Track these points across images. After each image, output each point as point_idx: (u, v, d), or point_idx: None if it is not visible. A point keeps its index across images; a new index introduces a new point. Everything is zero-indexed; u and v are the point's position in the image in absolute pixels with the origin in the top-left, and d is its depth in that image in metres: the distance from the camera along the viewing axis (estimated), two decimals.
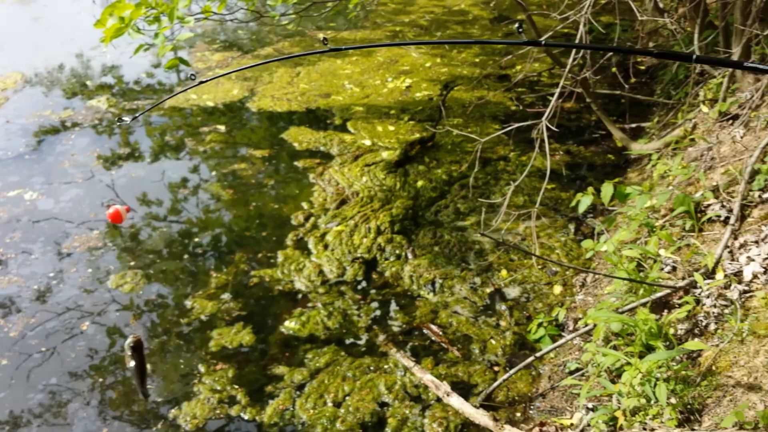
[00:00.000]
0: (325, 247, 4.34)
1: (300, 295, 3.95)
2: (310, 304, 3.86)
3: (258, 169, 5.39)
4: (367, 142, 5.61)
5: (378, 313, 3.79)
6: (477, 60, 7.04)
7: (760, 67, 0.99)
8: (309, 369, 3.37)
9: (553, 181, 4.88)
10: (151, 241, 4.54)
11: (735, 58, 3.93)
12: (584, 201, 3.82)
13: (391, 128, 5.82)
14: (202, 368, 3.42)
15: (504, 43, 2.42)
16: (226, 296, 3.93)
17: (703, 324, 2.91)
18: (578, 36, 3.42)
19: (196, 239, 4.54)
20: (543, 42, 1.34)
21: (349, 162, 5.33)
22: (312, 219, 4.66)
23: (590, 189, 3.86)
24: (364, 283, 4.03)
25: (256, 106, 6.49)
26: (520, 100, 6.19)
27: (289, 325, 3.67)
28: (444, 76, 6.83)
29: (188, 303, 3.89)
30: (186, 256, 4.35)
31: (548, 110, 3.41)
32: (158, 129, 6.21)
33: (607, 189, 3.80)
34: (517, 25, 1.33)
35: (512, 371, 3.16)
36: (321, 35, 8.28)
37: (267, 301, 3.89)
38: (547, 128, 3.43)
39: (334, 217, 4.65)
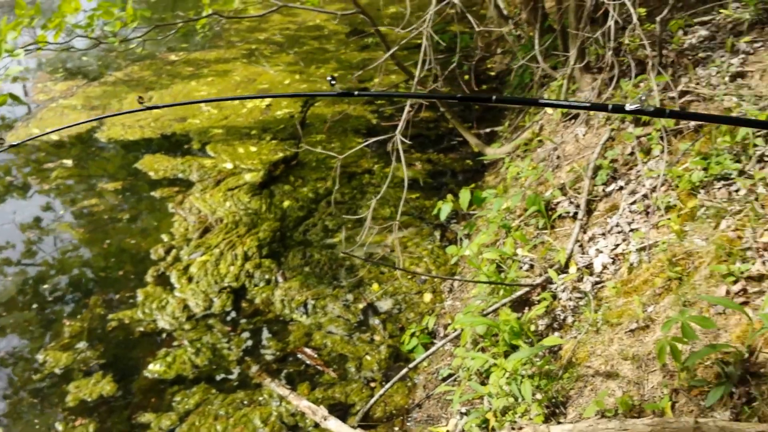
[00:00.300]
0: (190, 279, 4.14)
1: (164, 335, 3.73)
2: (175, 343, 3.66)
3: (112, 202, 5.07)
4: (229, 165, 5.44)
5: (249, 343, 3.65)
6: (336, 74, 7.05)
7: (553, 102, 1.02)
8: (178, 412, 3.18)
9: (416, 190, 4.97)
10: (1, 290, 4.14)
11: (572, 60, 4.17)
12: (444, 208, 3.91)
13: (253, 149, 5.68)
14: (60, 427, 3.14)
15: (317, 95, 2.41)
16: (81, 345, 3.64)
17: (561, 318, 3.03)
18: (422, 50, 3.49)
19: (47, 285, 4.19)
20: (355, 93, 1.35)
21: (211, 187, 5.14)
22: (174, 251, 4.44)
23: (449, 196, 3.95)
24: (233, 314, 3.87)
25: (106, 136, 6.12)
26: (380, 112, 6.27)
27: (154, 368, 3.45)
28: (304, 92, 6.78)
29: (40, 356, 3.57)
30: (36, 305, 4.00)
31: (401, 123, 3.45)
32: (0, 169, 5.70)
33: (465, 195, 3.92)
34: (329, 77, 1.32)
35: (387, 386, 3.15)
36: (173, 56, 7.97)
37: (128, 345, 3.65)
38: (403, 140, 3.46)
39: (198, 247, 4.45)
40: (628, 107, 0.91)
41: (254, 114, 6.37)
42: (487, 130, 5.63)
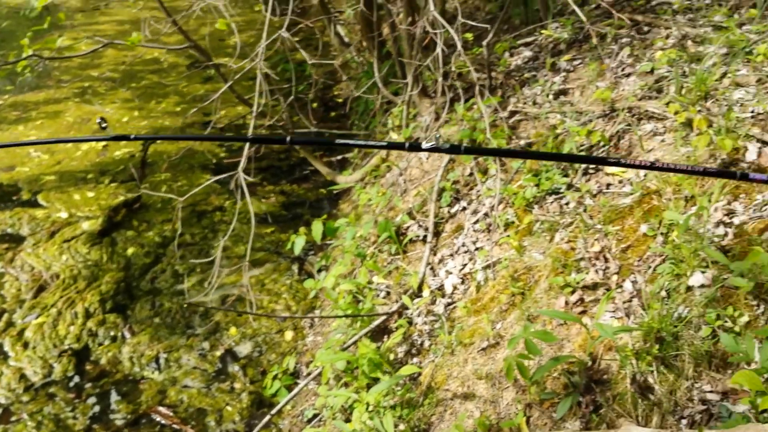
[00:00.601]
0: (25, 345, 3.76)
1: (0, 410, 3.35)
2: (13, 418, 3.30)
3: None
4: (64, 215, 5.03)
5: (97, 408, 3.36)
6: (178, 109, 6.78)
7: (350, 142, 0.99)
8: None
9: (271, 223, 4.86)
10: None
11: (409, 86, 4.26)
12: (298, 242, 3.83)
13: (91, 194, 5.30)
14: None
15: (91, 140, 2.28)
16: None
17: (419, 342, 3.05)
18: (257, 83, 3.42)
19: None
20: (132, 137, 1.26)
21: (45, 240, 4.71)
22: (5, 316, 4.01)
23: (302, 229, 3.88)
24: (76, 378, 3.55)
25: None
26: (228, 146, 6.08)
27: None
28: (145, 129, 6.44)
29: None
30: None
31: (242, 160, 3.34)
32: None
33: (317, 227, 3.86)
34: (99, 119, 1.22)
35: None
36: None
37: None
38: (246, 177, 3.36)
39: (33, 309, 4.05)
40: (424, 146, 0.90)
41: (90, 156, 5.95)
42: (339, 157, 5.64)
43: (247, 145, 3.43)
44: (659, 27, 3.71)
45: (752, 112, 2.81)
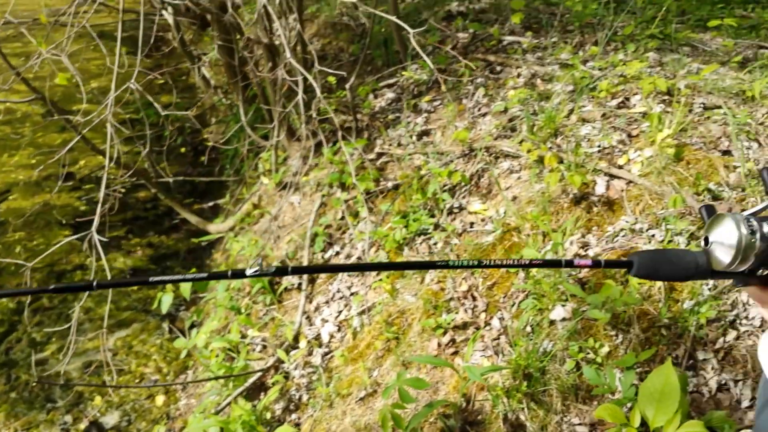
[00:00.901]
0: None
1: None
2: None
3: None
4: None
5: None
6: (33, 161, 6.32)
7: (165, 279, 0.94)
8: None
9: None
10: None
11: (275, 131, 4.20)
12: (165, 300, 3.61)
13: None
14: None
15: None
16: None
17: (297, 397, 2.95)
18: (108, 137, 3.23)
19: None
20: None
21: None
22: None
23: (169, 285, 3.68)
24: None
25: None
26: (89, 198, 5.73)
27: None
28: None
29: None
30: None
31: (95, 219, 3.13)
32: None
33: (185, 282, 3.68)
34: None
35: None
36: None
37: None
38: (100, 238, 3.14)
39: None
40: (248, 272, 0.84)
41: None
42: (211, 203, 5.46)
43: (101, 201, 3.22)
44: (511, 66, 3.89)
45: (599, 146, 2.98)
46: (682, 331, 2.24)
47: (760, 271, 0.88)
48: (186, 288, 3.62)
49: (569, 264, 0.89)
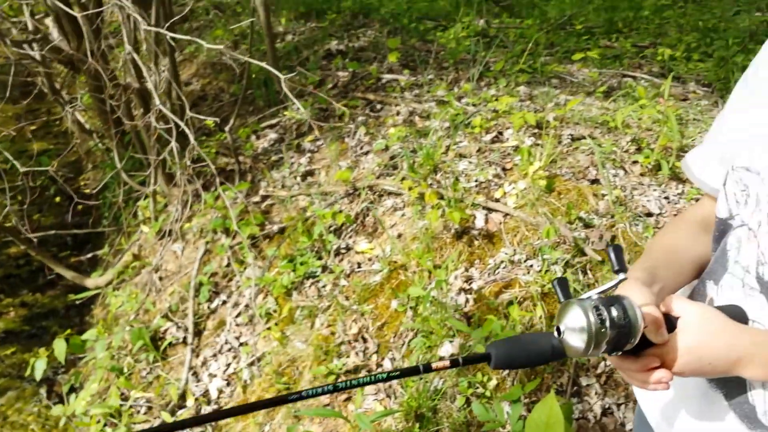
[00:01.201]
0: None
1: None
2: None
3: None
4: None
5: None
6: None
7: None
8: None
9: (12, 343, 4.25)
10: None
11: (152, 177, 4.03)
12: (38, 366, 3.36)
13: None
14: None
15: None
16: None
17: None
18: None
19: None
20: None
21: None
22: None
23: (41, 350, 3.42)
24: None
25: None
26: None
27: None
28: None
29: None
30: None
31: None
32: None
33: (60, 345, 3.43)
34: None
35: None
36: None
37: None
38: None
39: None
40: None
41: None
42: (90, 255, 5.14)
43: None
44: (390, 104, 3.96)
45: (476, 181, 3.06)
46: (564, 359, 2.31)
47: (614, 353, 0.90)
48: (61, 351, 3.39)
49: (428, 369, 0.87)
